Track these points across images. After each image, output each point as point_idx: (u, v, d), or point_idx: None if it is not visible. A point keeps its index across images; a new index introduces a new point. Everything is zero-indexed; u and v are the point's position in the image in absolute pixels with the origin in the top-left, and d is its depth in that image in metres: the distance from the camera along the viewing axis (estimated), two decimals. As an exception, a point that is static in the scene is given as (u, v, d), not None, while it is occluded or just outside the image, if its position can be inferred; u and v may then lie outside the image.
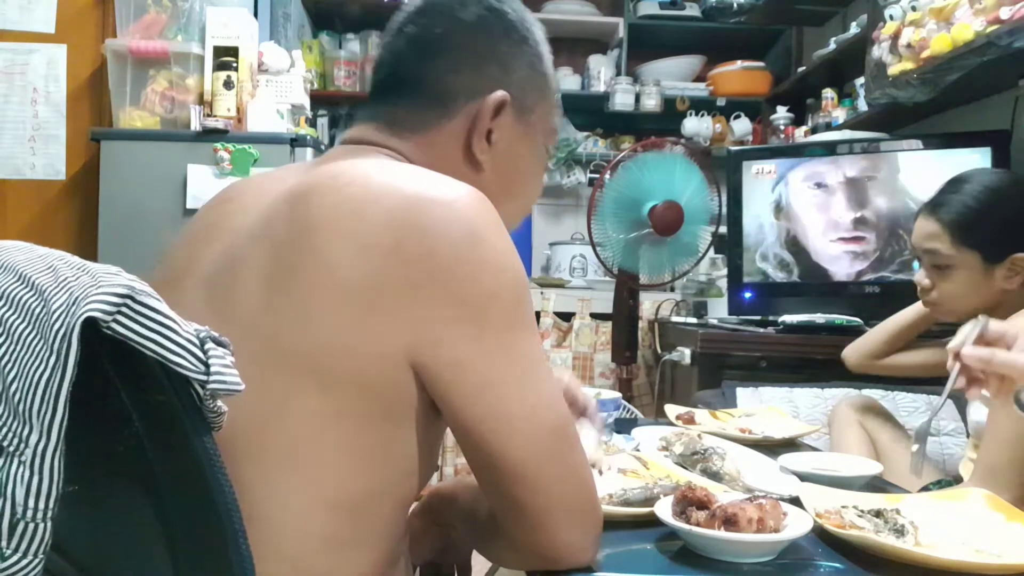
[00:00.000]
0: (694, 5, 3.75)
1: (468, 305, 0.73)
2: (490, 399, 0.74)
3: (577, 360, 3.44)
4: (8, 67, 2.60)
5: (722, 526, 0.85)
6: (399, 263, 0.72)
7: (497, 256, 0.76)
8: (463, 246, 0.74)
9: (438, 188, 0.77)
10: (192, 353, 0.60)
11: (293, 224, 0.76)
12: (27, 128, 2.61)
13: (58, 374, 0.56)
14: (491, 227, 0.77)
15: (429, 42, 0.90)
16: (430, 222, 0.74)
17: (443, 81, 0.89)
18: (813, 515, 0.93)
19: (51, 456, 0.56)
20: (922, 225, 1.57)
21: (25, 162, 2.61)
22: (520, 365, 0.76)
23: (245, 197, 0.88)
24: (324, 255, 0.73)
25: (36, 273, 0.61)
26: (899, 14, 2.21)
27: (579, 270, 3.76)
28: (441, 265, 0.73)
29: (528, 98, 0.93)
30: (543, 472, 0.76)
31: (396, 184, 0.77)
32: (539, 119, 0.95)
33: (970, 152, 2.36)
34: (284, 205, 0.79)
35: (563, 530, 0.77)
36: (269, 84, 2.60)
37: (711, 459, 1.19)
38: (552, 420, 0.77)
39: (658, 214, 2.60)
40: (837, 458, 1.33)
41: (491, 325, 0.74)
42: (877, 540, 0.88)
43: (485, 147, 0.90)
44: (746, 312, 2.72)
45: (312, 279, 0.73)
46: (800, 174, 2.64)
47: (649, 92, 3.81)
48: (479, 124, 0.89)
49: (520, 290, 0.78)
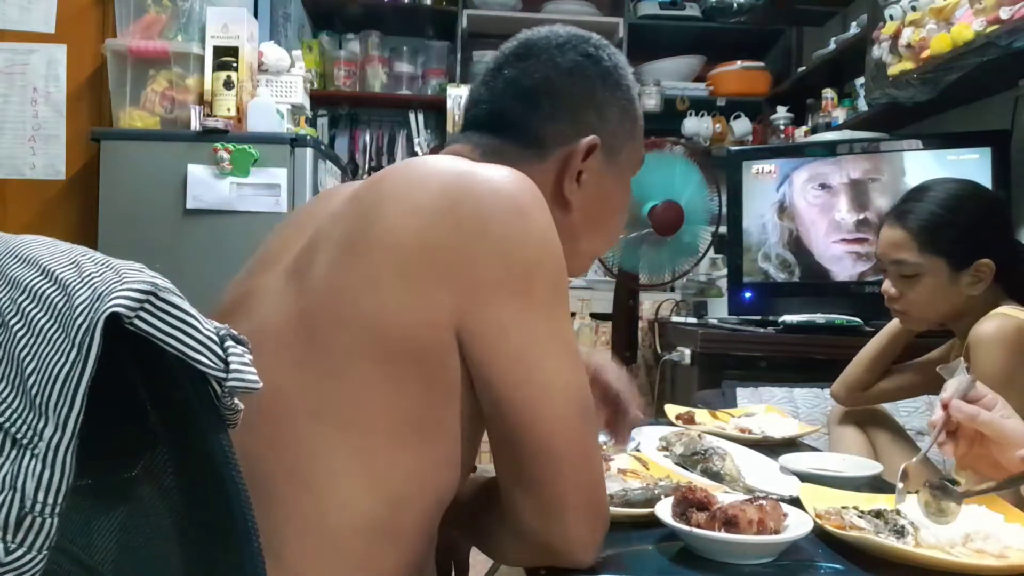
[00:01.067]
0: (694, 5, 3.75)
1: (514, 272, 0.77)
2: (529, 366, 0.76)
3: (577, 360, 3.44)
4: (8, 67, 2.59)
5: (722, 527, 0.85)
6: (451, 227, 0.76)
7: (542, 230, 0.79)
8: (512, 215, 0.78)
9: (482, 167, 0.82)
10: (212, 351, 0.60)
11: (364, 203, 0.81)
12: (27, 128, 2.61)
13: (78, 368, 0.56)
14: (537, 203, 0.80)
15: (528, 88, 0.93)
16: (481, 192, 0.78)
17: (541, 128, 0.92)
18: (813, 516, 0.93)
19: (64, 451, 0.56)
20: (888, 234, 1.57)
21: (25, 162, 2.61)
22: (559, 339, 0.78)
23: (328, 195, 0.94)
24: (384, 222, 0.78)
25: (59, 267, 0.61)
26: (899, 14, 2.21)
27: (579, 270, 3.76)
28: (491, 231, 0.76)
29: (618, 140, 0.96)
30: (567, 450, 0.77)
31: (451, 164, 0.82)
32: (627, 158, 0.98)
33: (970, 152, 2.36)
34: (361, 189, 0.84)
35: (573, 521, 0.77)
36: (269, 84, 2.60)
37: (711, 459, 1.19)
38: (581, 401, 0.79)
39: (658, 214, 2.60)
40: (837, 458, 1.34)
41: (535, 294, 0.77)
42: (877, 541, 0.88)
43: (575, 188, 0.93)
44: (746, 312, 2.72)
45: (373, 243, 0.77)
46: (800, 174, 2.64)
47: (649, 92, 3.81)
48: (570, 167, 0.92)
49: (562, 266, 0.80)
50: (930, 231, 1.51)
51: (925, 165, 2.44)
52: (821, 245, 2.61)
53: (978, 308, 1.51)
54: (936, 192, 1.56)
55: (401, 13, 3.93)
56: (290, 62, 2.65)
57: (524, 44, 0.96)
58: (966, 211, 1.53)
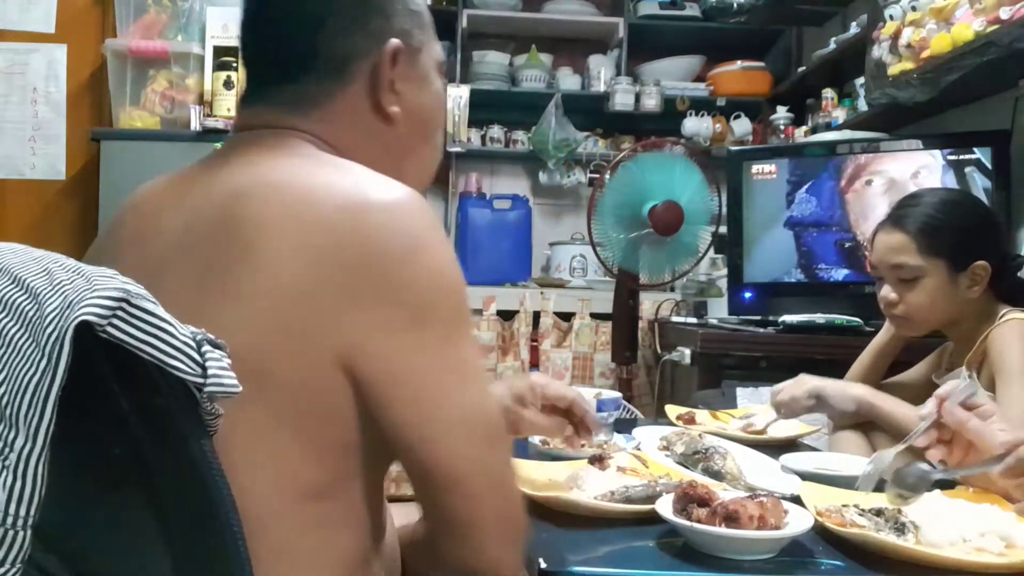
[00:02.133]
0: (694, 5, 3.75)
1: (406, 312, 0.73)
2: (426, 406, 0.74)
3: (577, 360, 3.44)
4: (8, 67, 2.60)
5: (723, 523, 0.85)
6: (337, 267, 0.72)
7: (437, 263, 0.75)
8: (403, 252, 0.73)
9: (377, 191, 0.76)
10: (189, 356, 0.60)
11: (227, 229, 0.75)
12: (27, 128, 2.61)
13: (48, 378, 0.55)
14: (431, 232, 0.76)
15: (306, 10, 0.86)
16: (370, 227, 0.73)
17: (332, 48, 0.85)
18: (814, 513, 0.93)
19: (35, 462, 0.55)
20: (886, 239, 1.57)
21: (25, 162, 2.61)
22: (457, 373, 0.76)
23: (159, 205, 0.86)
24: (260, 257, 0.72)
25: (30, 276, 0.60)
26: (899, 14, 2.21)
27: (579, 270, 3.76)
28: (380, 271, 0.72)
29: (414, 38, 0.90)
30: (475, 481, 0.75)
31: (333, 186, 0.76)
32: (427, 54, 0.93)
33: (970, 152, 2.36)
34: (213, 210, 0.77)
35: (491, 544, 0.76)
36: (269, 84, 2.60)
37: (712, 458, 1.19)
38: (486, 429, 0.77)
39: (658, 214, 2.60)
40: (837, 458, 1.34)
41: (429, 332, 0.74)
42: (877, 538, 0.89)
43: (393, 99, 0.88)
44: (746, 312, 2.72)
45: (245, 285, 0.72)
46: (803, 174, 2.64)
47: (649, 92, 3.81)
48: (382, 79, 0.87)
49: (459, 297, 0.77)
50: (929, 233, 1.52)
51: (925, 165, 2.44)
52: (819, 244, 2.61)
53: (973, 313, 1.53)
54: (930, 198, 1.58)
55: (401, 13, 3.94)
56: (290, 62, 2.65)
57: None
58: (962, 214, 1.55)
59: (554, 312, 3.47)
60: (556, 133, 3.69)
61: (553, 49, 4.03)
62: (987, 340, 1.47)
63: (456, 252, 2.95)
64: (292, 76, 0.86)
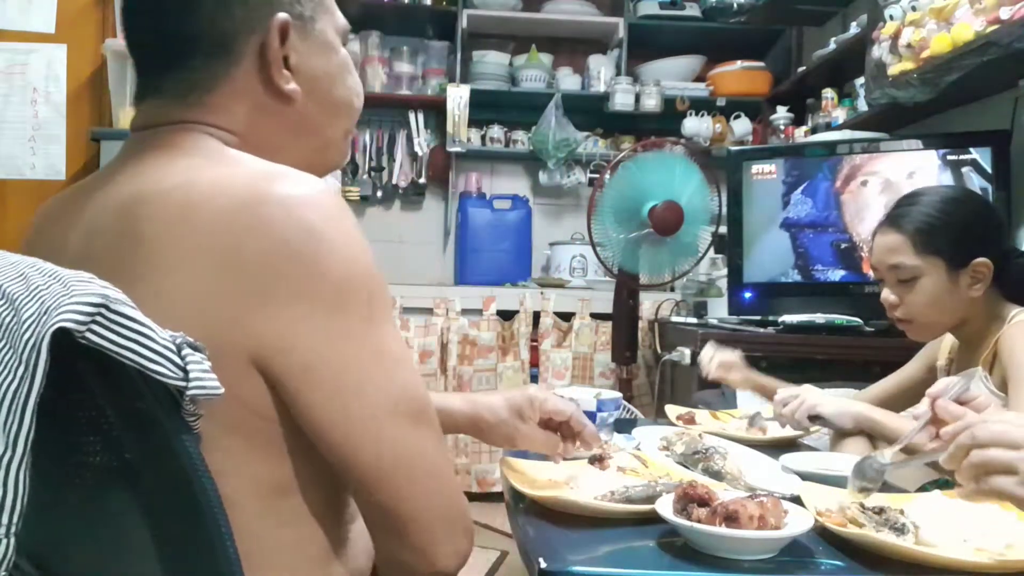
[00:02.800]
0: (694, 5, 3.75)
1: (314, 304, 0.70)
2: (345, 401, 0.71)
3: (577, 360, 3.44)
4: (8, 67, 2.60)
5: (723, 523, 0.85)
6: (235, 269, 0.69)
7: (341, 250, 0.72)
8: (302, 245, 0.70)
9: (270, 184, 0.72)
10: (170, 360, 0.59)
11: (123, 239, 0.72)
12: (27, 128, 2.61)
13: (26, 385, 0.54)
14: (332, 220, 0.72)
15: None
16: (266, 223, 0.69)
17: (212, 27, 0.80)
18: (814, 513, 0.93)
19: (16, 469, 0.54)
20: (883, 240, 1.56)
21: (25, 162, 2.61)
22: (376, 363, 0.73)
23: (63, 225, 0.82)
24: (159, 268, 0.70)
25: (7, 281, 0.60)
26: (899, 14, 2.21)
27: (579, 270, 3.76)
28: (282, 267, 0.69)
29: (305, 8, 0.85)
30: (406, 476, 0.73)
31: (224, 184, 0.72)
32: (325, 22, 0.87)
33: (970, 152, 2.36)
34: (111, 221, 0.74)
35: (435, 540, 0.74)
36: (269, 84, 2.60)
37: (712, 458, 1.19)
38: (414, 419, 0.74)
39: (658, 214, 2.60)
40: (838, 458, 1.34)
41: (341, 323, 0.71)
42: (877, 538, 0.89)
43: (288, 76, 0.82)
44: (746, 312, 2.72)
45: (152, 292, 0.68)
46: (801, 174, 2.64)
47: (649, 92, 3.81)
48: (272, 56, 0.81)
49: (370, 282, 0.74)
50: (925, 232, 1.51)
51: (925, 165, 2.44)
52: (819, 244, 2.61)
53: (980, 313, 1.51)
54: (928, 196, 1.57)
55: (401, 13, 3.94)
56: (290, 62, 2.65)
57: None
58: (959, 211, 1.53)
59: (554, 312, 3.47)
60: (556, 133, 3.69)
61: (553, 49, 4.03)
62: (998, 342, 1.46)
63: (456, 252, 3.00)
64: (176, 62, 0.81)
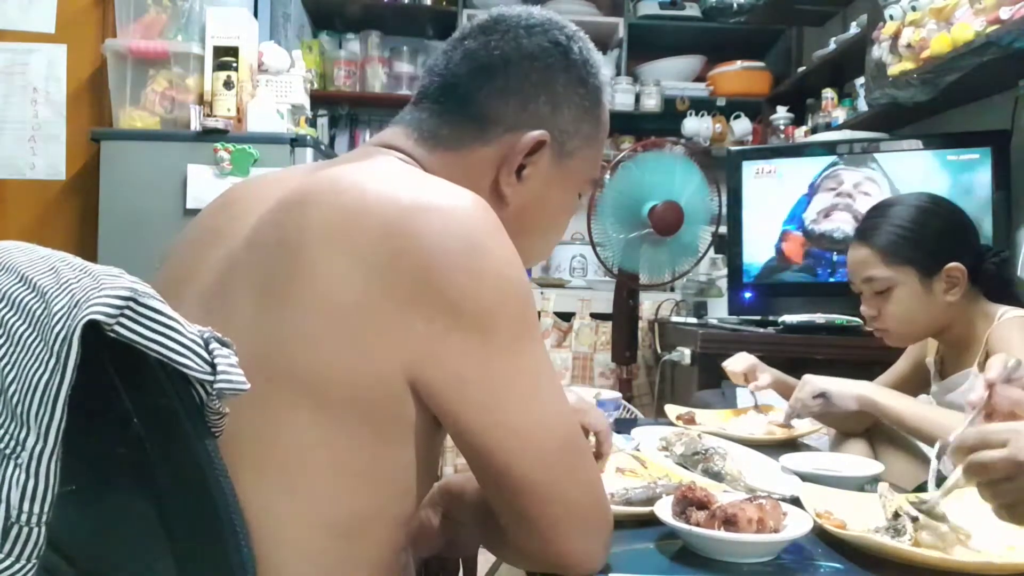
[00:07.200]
0: (694, 5, 3.75)
1: (469, 319, 0.71)
2: (496, 414, 0.73)
3: (577, 360, 3.44)
4: (8, 67, 2.59)
5: (722, 526, 0.85)
6: (394, 278, 0.70)
7: (498, 266, 0.73)
8: (461, 257, 0.71)
9: (435, 195, 0.74)
10: (197, 354, 0.60)
11: (286, 234, 0.74)
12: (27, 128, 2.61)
13: (57, 377, 0.55)
14: (491, 235, 0.74)
15: (484, 61, 0.86)
16: (426, 233, 0.71)
17: (488, 105, 0.86)
18: (813, 515, 0.93)
19: (47, 460, 0.55)
20: (854, 254, 1.58)
21: (25, 162, 2.60)
22: (526, 377, 0.74)
23: (246, 201, 0.84)
24: (316, 271, 0.71)
25: (38, 275, 0.61)
26: (899, 14, 2.21)
27: (579, 270, 3.76)
28: (439, 279, 0.70)
29: (571, 142, 0.89)
30: (553, 486, 0.74)
31: (391, 192, 0.74)
32: (579, 165, 0.91)
33: (970, 152, 2.36)
34: (280, 212, 0.76)
35: (574, 540, 0.76)
36: (269, 84, 2.60)
37: (712, 459, 1.19)
38: (561, 433, 0.76)
39: (658, 214, 2.60)
40: (837, 458, 1.34)
41: (494, 338, 0.72)
42: (876, 540, 0.89)
43: (513, 181, 0.87)
44: (746, 312, 2.72)
45: (303, 297, 0.71)
46: (801, 174, 2.64)
47: (649, 92, 3.81)
48: (511, 158, 0.86)
49: (523, 300, 0.75)
50: (893, 242, 1.52)
51: (925, 165, 2.44)
52: (818, 244, 2.61)
53: (962, 315, 1.52)
54: (896, 207, 1.58)
55: (401, 13, 3.93)
56: (290, 62, 2.65)
57: (493, 18, 0.90)
58: (926, 220, 1.54)
59: (554, 312, 3.47)
60: (556, 133, 3.69)
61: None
62: (989, 340, 1.46)
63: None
64: (439, 110, 0.87)
